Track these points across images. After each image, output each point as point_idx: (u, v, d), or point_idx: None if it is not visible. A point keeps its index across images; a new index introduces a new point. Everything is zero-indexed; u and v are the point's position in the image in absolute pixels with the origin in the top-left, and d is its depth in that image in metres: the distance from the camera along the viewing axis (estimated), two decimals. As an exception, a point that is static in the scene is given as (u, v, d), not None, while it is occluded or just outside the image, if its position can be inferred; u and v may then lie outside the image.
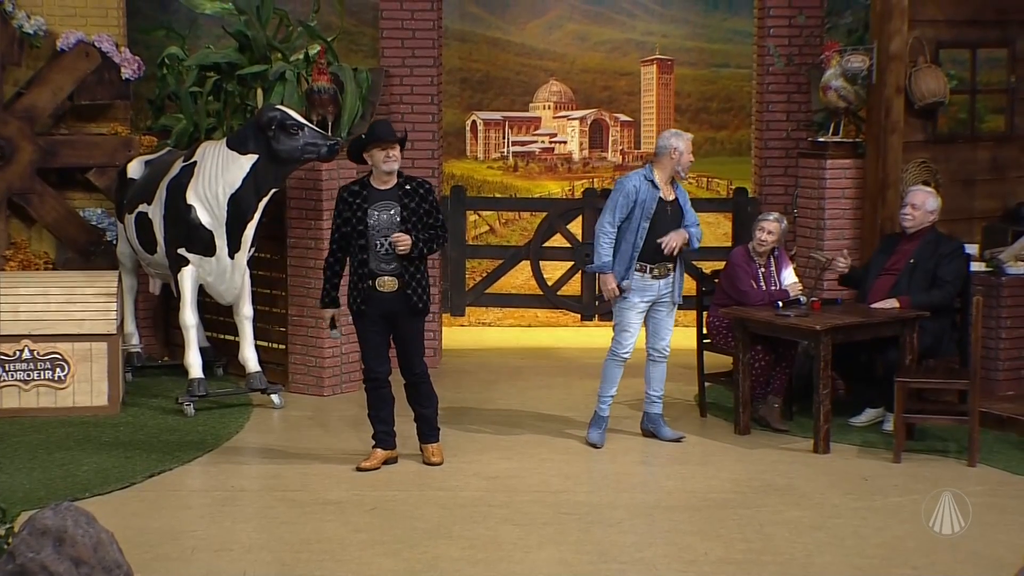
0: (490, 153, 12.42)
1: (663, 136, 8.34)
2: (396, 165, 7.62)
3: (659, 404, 8.50)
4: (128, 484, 7.50)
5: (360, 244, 7.61)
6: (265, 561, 6.33)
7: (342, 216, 7.68)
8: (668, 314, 8.37)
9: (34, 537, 4.77)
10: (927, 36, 9.38)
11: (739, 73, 11.95)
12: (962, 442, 8.08)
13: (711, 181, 12.32)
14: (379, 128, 7.74)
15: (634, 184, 8.20)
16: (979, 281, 8.87)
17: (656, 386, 8.47)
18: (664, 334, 8.39)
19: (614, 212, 8.18)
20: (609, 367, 8.39)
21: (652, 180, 8.21)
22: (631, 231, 8.18)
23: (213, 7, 10.18)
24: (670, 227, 8.23)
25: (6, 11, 9.92)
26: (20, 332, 8.91)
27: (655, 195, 8.19)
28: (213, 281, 9.12)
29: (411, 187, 7.67)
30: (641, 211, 8.15)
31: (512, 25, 12.34)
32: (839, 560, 6.39)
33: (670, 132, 8.38)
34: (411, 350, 7.78)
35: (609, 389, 8.39)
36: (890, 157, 9.14)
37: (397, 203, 7.60)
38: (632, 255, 8.18)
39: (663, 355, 8.43)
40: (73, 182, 10.40)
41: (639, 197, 8.16)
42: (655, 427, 8.48)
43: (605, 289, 8.29)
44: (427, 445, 7.92)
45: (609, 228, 8.19)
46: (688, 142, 8.26)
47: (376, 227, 7.59)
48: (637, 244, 8.17)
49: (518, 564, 6.32)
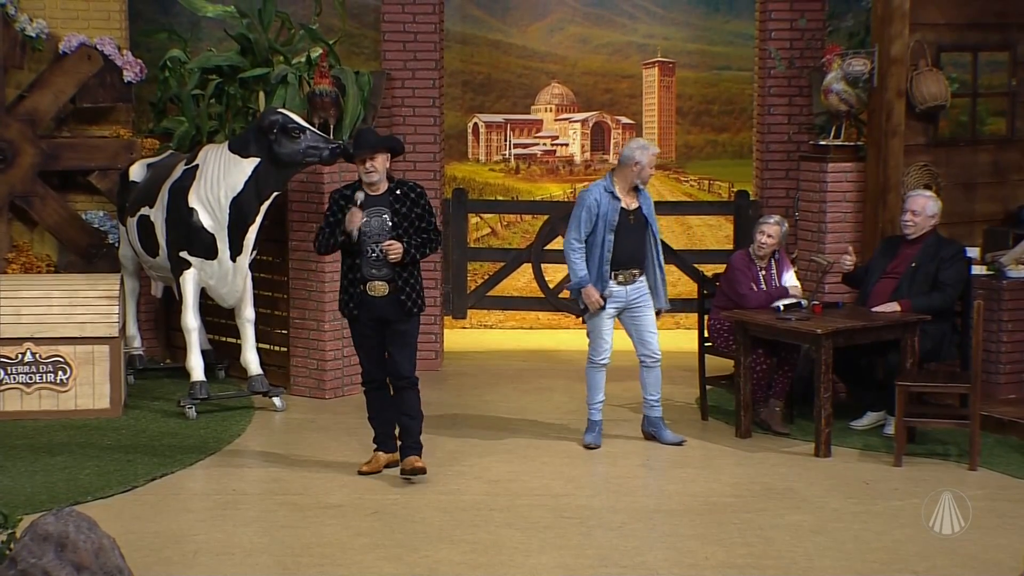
0: (492, 156, 12.43)
1: (628, 146, 8.33)
2: (376, 176, 7.48)
3: (658, 408, 8.50)
4: (130, 487, 7.51)
5: (351, 249, 7.56)
6: (266, 565, 6.34)
7: (335, 216, 7.58)
8: (647, 317, 8.36)
9: (36, 543, 4.79)
10: (928, 39, 9.39)
11: (740, 76, 11.96)
12: (963, 446, 8.09)
13: (712, 184, 12.33)
14: (358, 138, 7.64)
15: (594, 198, 8.18)
16: (980, 285, 8.87)
17: (652, 391, 8.47)
18: (649, 338, 8.38)
19: (579, 228, 8.20)
20: (591, 374, 8.40)
21: (612, 191, 8.20)
22: (597, 245, 8.19)
23: (215, 10, 10.20)
24: (635, 236, 8.24)
25: (8, 14, 9.94)
26: (22, 335, 8.92)
27: (616, 206, 8.19)
28: (215, 284, 9.13)
29: (402, 192, 7.57)
30: (604, 224, 8.16)
31: (514, 28, 12.35)
32: (840, 564, 6.39)
33: (637, 143, 8.32)
34: (401, 354, 7.62)
35: (597, 395, 8.40)
36: (891, 160, 9.15)
37: (388, 208, 7.51)
38: (603, 268, 8.19)
39: (655, 359, 8.41)
40: (75, 185, 10.42)
41: (600, 210, 8.16)
42: (656, 430, 8.49)
43: (588, 302, 8.24)
44: (409, 458, 7.69)
45: (577, 244, 8.20)
46: (652, 156, 8.24)
47: (367, 232, 7.48)
48: (605, 257, 8.19)
49: (519, 568, 6.33)
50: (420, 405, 7.73)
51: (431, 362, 10.27)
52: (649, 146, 8.31)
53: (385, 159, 7.56)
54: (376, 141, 7.58)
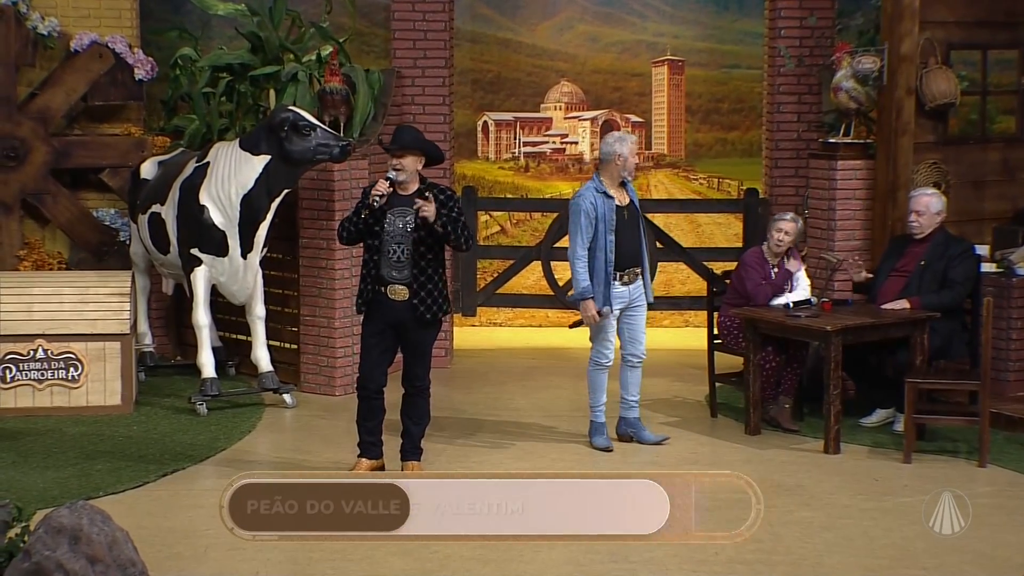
0: (501, 154, 12.44)
1: (606, 142, 8.27)
2: (403, 176, 7.37)
3: (636, 408, 8.46)
4: (141, 483, 7.54)
5: (372, 245, 7.48)
6: (277, 560, 6.37)
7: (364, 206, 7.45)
8: (642, 318, 8.34)
9: (50, 535, 4.81)
10: (938, 38, 9.39)
11: (750, 74, 11.96)
12: (972, 443, 8.10)
13: (722, 182, 12.33)
14: (395, 133, 7.56)
15: (590, 202, 8.09)
16: (989, 282, 8.87)
17: (633, 391, 8.42)
18: (641, 338, 8.35)
19: (582, 235, 8.07)
20: (594, 376, 8.35)
21: (604, 191, 8.14)
22: (600, 248, 8.09)
23: (226, 8, 10.23)
24: (630, 232, 8.20)
25: (20, 12, 9.97)
26: (34, 332, 8.96)
27: (611, 205, 8.12)
28: (226, 281, 9.16)
29: (431, 194, 7.39)
30: (604, 226, 8.08)
31: (523, 26, 12.36)
32: (849, 560, 6.40)
33: (613, 137, 8.28)
34: (416, 360, 7.54)
35: (600, 397, 8.35)
36: (901, 158, 9.15)
37: (413, 211, 7.37)
38: (608, 271, 8.10)
39: (640, 359, 8.37)
40: (86, 182, 10.45)
41: (598, 213, 8.08)
42: (635, 431, 8.43)
43: (585, 316, 8.15)
44: (407, 463, 7.69)
45: (581, 252, 8.08)
46: (632, 145, 8.18)
47: (391, 232, 7.38)
48: (609, 259, 8.10)
49: (529, 564, 6.35)
50: (429, 409, 7.71)
51: (440, 360, 10.28)
52: (626, 136, 8.28)
53: (416, 160, 7.43)
54: (408, 141, 7.45)
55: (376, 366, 7.55)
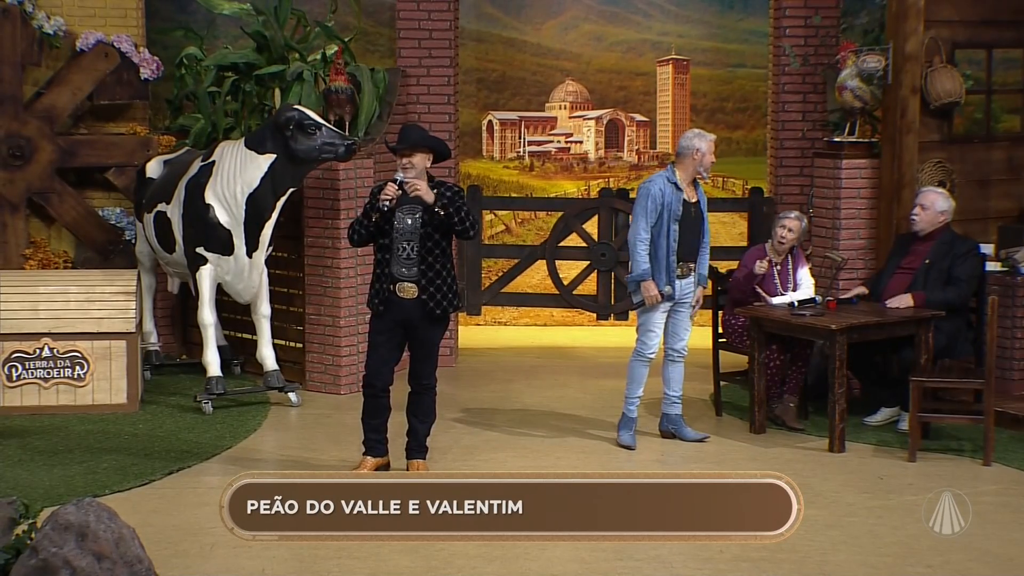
0: (506, 153, 12.45)
1: (686, 136, 8.28)
2: (412, 174, 7.34)
3: (679, 405, 8.49)
4: (147, 481, 7.56)
5: (383, 243, 7.47)
6: (283, 558, 6.38)
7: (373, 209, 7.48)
8: (687, 314, 8.37)
9: (57, 532, 4.81)
10: (943, 36, 9.39)
11: (755, 73, 11.97)
12: (977, 441, 8.10)
13: (727, 181, 12.34)
14: (402, 132, 7.56)
15: (659, 187, 8.11)
16: (994, 281, 8.88)
17: (675, 387, 8.45)
18: (683, 334, 8.37)
19: (647, 218, 8.08)
20: (635, 368, 8.35)
21: (675, 182, 8.16)
22: (662, 236, 8.10)
23: (231, 8, 10.24)
24: (692, 229, 8.22)
25: (26, 11, 9.99)
26: (40, 330, 8.97)
27: (679, 196, 8.14)
28: (231, 280, 9.18)
29: (439, 192, 7.38)
30: (669, 214, 8.09)
31: (528, 25, 12.37)
32: (854, 558, 6.41)
33: (693, 132, 8.29)
34: (423, 358, 7.56)
35: (636, 390, 8.35)
36: (905, 157, 9.15)
37: (422, 209, 7.38)
38: (669, 259, 8.11)
39: (682, 355, 8.41)
40: (92, 182, 10.47)
41: (664, 200, 8.10)
42: (676, 428, 8.48)
43: (647, 296, 8.12)
44: (412, 461, 7.70)
45: (644, 235, 8.09)
46: (711, 143, 8.19)
47: (400, 230, 7.38)
48: (672, 247, 8.12)
49: (534, 561, 6.36)
50: (435, 407, 7.72)
51: (446, 358, 10.26)
52: (706, 134, 8.27)
53: (424, 158, 7.43)
54: (417, 139, 7.46)
55: (383, 364, 7.55)
